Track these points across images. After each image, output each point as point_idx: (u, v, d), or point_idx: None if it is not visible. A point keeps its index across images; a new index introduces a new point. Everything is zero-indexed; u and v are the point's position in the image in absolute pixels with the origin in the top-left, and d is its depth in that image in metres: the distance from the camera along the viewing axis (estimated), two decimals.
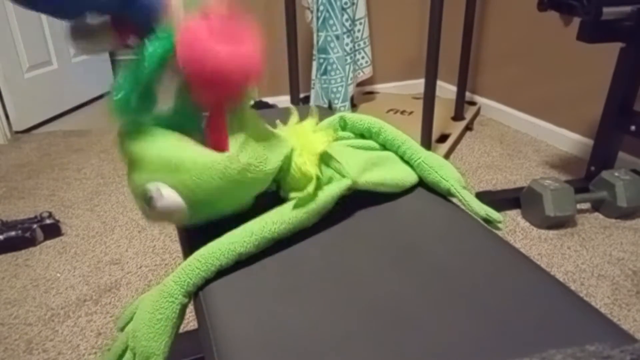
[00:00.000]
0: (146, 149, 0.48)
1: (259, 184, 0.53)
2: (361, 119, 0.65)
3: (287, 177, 0.55)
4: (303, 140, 0.56)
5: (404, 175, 0.63)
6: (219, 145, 0.50)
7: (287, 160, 0.54)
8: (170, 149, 0.47)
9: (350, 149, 0.63)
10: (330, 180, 0.56)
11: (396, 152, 0.66)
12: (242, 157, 0.49)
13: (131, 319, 0.49)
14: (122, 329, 0.50)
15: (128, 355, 0.47)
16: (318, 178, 0.53)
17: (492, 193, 1.61)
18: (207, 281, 0.49)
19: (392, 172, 0.62)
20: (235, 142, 0.50)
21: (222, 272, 0.49)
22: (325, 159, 0.56)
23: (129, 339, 0.48)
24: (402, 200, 0.62)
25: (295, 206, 0.53)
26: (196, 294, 0.50)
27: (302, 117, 0.66)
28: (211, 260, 0.48)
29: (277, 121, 0.69)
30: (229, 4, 0.48)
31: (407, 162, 0.66)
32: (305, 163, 0.53)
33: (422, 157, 0.64)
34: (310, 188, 0.52)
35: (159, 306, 0.47)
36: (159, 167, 0.47)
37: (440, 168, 0.63)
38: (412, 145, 0.65)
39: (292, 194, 0.54)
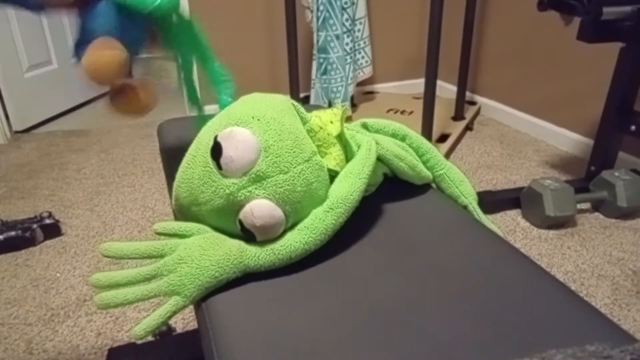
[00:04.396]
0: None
1: None
2: (385, 124, 0.64)
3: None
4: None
5: (422, 167, 0.63)
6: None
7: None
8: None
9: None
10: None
11: (419, 160, 0.65)
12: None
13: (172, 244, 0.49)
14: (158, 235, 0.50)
15: (156, 282, 0.47)
16: (340, 136, 0.52)
17: (492, 193, 1.61)
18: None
19: (411, 157, 0.62)
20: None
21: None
22: (344, 138, 0.55)
23: (164, 265, 0.47)
24: (401, 200, 0.62)
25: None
26: None
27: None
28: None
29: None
30: None
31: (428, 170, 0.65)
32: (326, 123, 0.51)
33: (445, 170, 0.64)
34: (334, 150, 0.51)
35: (221, 262, 0.47)
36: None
37: (461, 184, 0.64)
38: (436, 155, 0.64)
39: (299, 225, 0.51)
